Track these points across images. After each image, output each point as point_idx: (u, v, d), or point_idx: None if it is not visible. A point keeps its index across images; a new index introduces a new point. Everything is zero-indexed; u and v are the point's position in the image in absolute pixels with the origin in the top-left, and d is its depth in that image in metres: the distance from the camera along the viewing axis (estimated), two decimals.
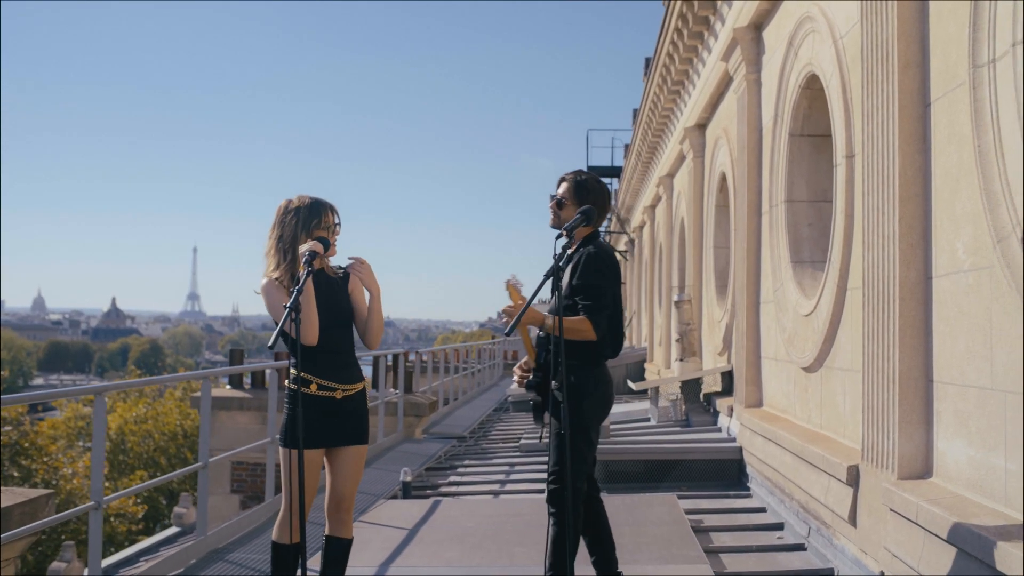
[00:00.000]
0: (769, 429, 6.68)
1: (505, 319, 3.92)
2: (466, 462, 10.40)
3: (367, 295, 3.92)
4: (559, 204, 4.21)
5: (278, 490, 5.97)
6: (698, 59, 11.16)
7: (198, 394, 13.35)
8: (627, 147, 23.61)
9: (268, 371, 8.12)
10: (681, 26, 10.86)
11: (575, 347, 3.93)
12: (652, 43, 13.29)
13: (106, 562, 11.35)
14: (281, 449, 3.87)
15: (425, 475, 9.19)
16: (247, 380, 13.13)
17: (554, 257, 3.44)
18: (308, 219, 3.83)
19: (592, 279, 4.05)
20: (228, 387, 13.09)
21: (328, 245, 3.75)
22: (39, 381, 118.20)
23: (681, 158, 12.94)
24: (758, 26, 7.82)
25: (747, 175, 7.94)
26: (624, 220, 25.57)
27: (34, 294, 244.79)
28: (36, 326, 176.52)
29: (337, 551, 3.94)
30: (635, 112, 19.71)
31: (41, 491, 5.98)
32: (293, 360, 3.79)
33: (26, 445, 29.07)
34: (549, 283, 3.76)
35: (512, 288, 3.97)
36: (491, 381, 23.01)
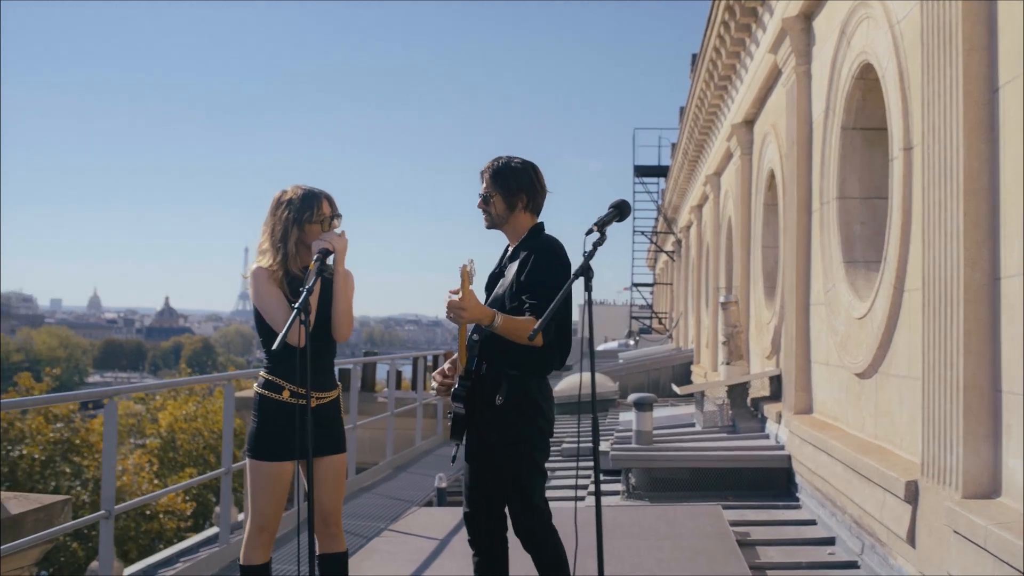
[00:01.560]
0: (820, 438, 6.34)
1: (452, 313, 3.44)
2: None
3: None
4: (486, 200, 3.74)
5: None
6: (745, 53, 10.80)
7: (244, 393, 13.33)
8: (674, 146, 23.24)
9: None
10: (728, 19, 10.52)
11: (519, 355, 3.52)
12: (698, 39, 12.95)
13: (145, 562, 11.33)
14: (249, 461, 3.59)
15: (457, 481, 8.97)
16: None
17: (584, 255, 3.15)
18: (300, 211, 3.57)
19: (541, 276, 3.57)
20: None
21: (328, 253, 3.45)
22: (95, 379, 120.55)
23: (728, 156, 12.58)
24: (808, 16, 7.47)
25: (797, 171, 7.61)
26: (671, 220, 25.17)
27: (90, 293, 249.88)
28: (92, 324, 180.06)
29: (334, 568, 3.65)
30: (682, 110, 19.35)
31: (56, 497, 5.85)
32: (266, 363, 3.56)
33: (77, 442, 29.45)
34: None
35: (466, 275, 3.42)
36: None
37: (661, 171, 26.65)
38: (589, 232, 3.17)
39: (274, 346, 3.16)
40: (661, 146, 27.34)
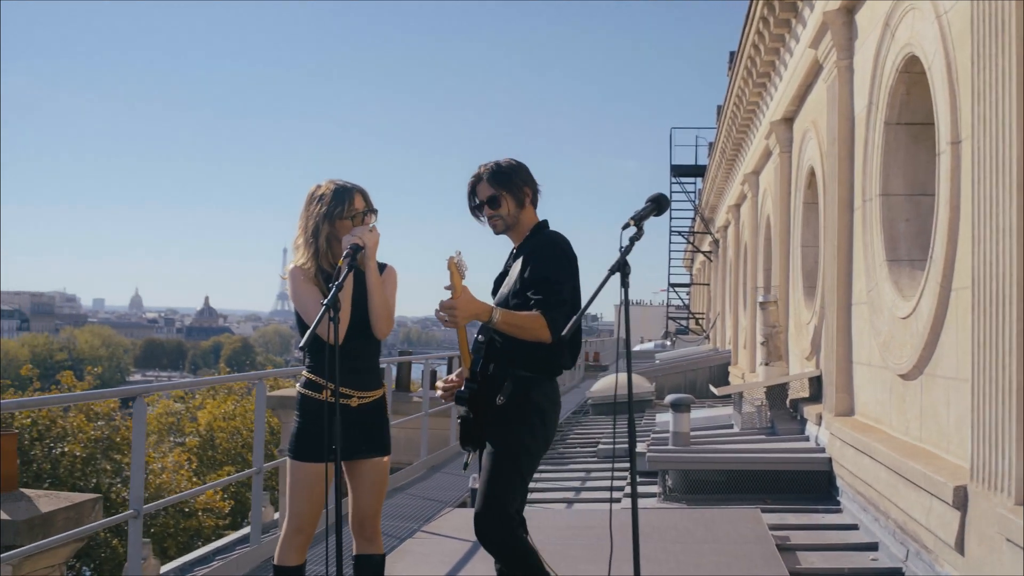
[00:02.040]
0: (862, 440, 6.18)
1: (444, 314, 3.28)
2: (541, 467, 10.07)
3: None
4: (494, 203, 3.53)
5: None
6: (785, 49, 10.62)
7: (281, 392, 13.34)
8: (711, 145, 23.02)
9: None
10: (767, 14, 10.35)
11: (527, 354, 3.36)
12: (736, 36, 12.78)
13: (181, 560, 11.37)
14: (288, 461, 3.54)
15: None
16: None
17: (620, 250, 3.04)
18: (332, 206, 3.51)
19: (546, 271, 3.40)
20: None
21: (358, 249, 3.36)
22: (136, 377, 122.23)
23: (767, 154, 12.39)
24: (850, 9, 7.30)
25: (838, 169, 7.44)
26: (708, 220, 24.93)
27: (132, 293, 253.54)
28: (133, 324, 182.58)
29: (368, 570, 3.60)
30: (719, 108, 19.13)
31: (87, 495, 5.85)
32: (308, 362, 3.50)
33: (118, 440, 29.82)
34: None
35: (454, 268, 3.21)
36: (572, 382, 22.64)
37: (698, 171, 26.42)
38: (625, 227, 3.05)
39: (300, 343, 3.10)
40: (698, 145, 27.09)
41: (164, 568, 11.69)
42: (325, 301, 3.11)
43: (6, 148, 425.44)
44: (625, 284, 3.02)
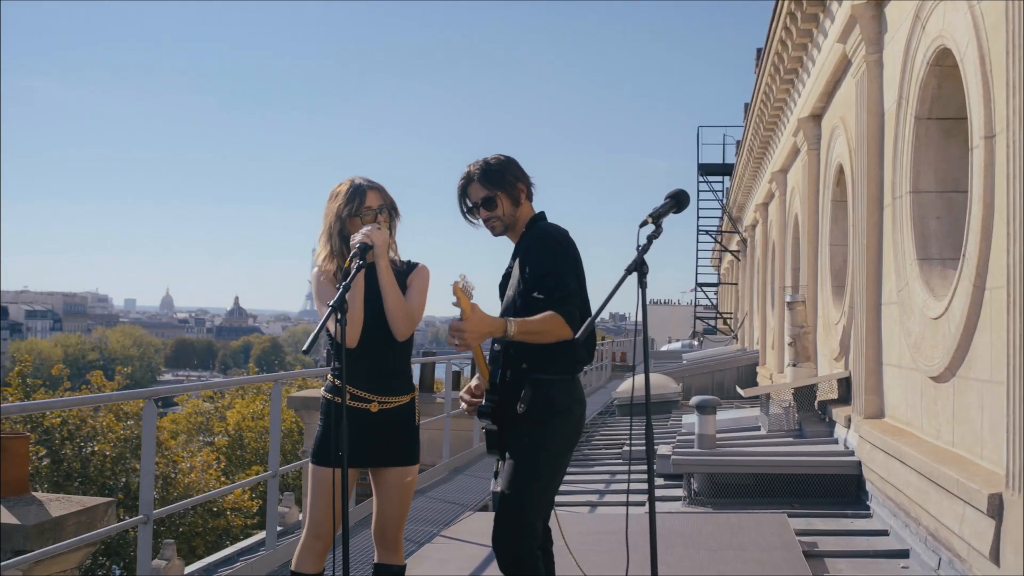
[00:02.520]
0: (892, 444, 6.02)
1: (454, 338, 3.09)
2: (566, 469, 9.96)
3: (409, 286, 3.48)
4: (489, 204, 3.39)
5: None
6: (812, 44, 10.44)
7: (305, 393, 13.31)
8: (738, 143, 22.80)
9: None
10: (794, 9, 10.19)
11: (542, 356, 3.22)
12: (763, 33, 12.59)
13: (206, 560, 11.37)
14: (310, 466, 3.47)
15: None
16: None
17: (637, 248, 2.92)
18: (346, 205, 3.44)
19: (546, 265, 3.24)
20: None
21: (366, 248, 3.25)
22: (167, 377, 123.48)
23: (795, 152, 12.20)
24: (879, 2, 7.14)
25: (867, 165, 7.27)
26: (735, 219, 24.70)
27: (162, 293, 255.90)
28: (164, 324, 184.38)
29: None
30: (746, 106, 18.93)
31: (100, 499, 5.81)
32: (335, 365, 3.42)
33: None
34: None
35: (460, 292, 3.03)
36: (597, 383, 22.51)
37: (726, 169, 26.22)
38: (643, 224, 2.92)
39: (304, 347, 3.00)
40: (726, 144, 26.89)
41: (188, 568, 11.71)
42: (331, 303, 3.02)
43: (38, 148, 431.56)
44: (643, 284, 2.91)
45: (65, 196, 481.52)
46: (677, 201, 3.01)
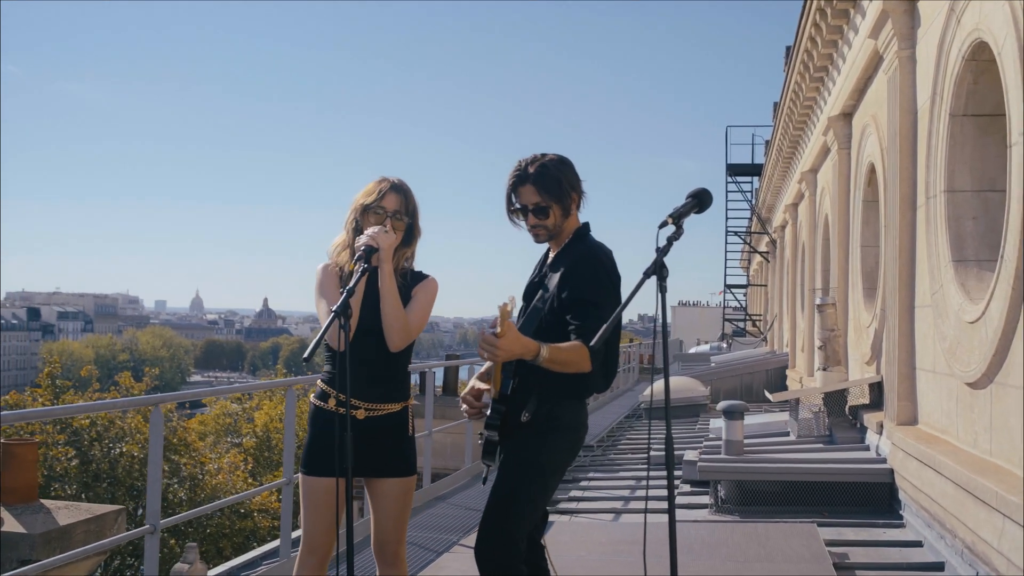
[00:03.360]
0: (926, 452, 5.82)
1: (484, 350, 2.92)
2: (590, 475, 9.82)
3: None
4: (541, 213, 3.20)
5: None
6: (843, 41, 10.22)
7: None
8: (767, 143, 22.52)
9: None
10: (824, 5, 9.97)
11: (559, 375, 3.06)
12: (792, 31, 12.36)
13: (228, 564, 11.34)
14: (301, 477, 3.33)
15: None
16: None
17: (657, 250, 2.73)
18: (362, 201, 3.33)
19: (586, 291, 3.08)
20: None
21: (371, 251, 3.12)
22: (196, 378, 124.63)
23: (825, 151, 11.98)
24: None
25: (899, 164, 7.07)
26: (765, 220, 24.40)
27: (192, 294, 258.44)
28: (194, 325, 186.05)
29: None
30: (775, 105, 18.68)
31: (110, 507, 5.73)
32: (326, 371, 3.30)
33: (175, 440, 30.22)
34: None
35: (505, 312, 2.88)
36: (625, 385, 22.32)
37: (755, 170, 25.92)
38: (663, 225, 2.74)
39: (305, 354, 2.86)
40: (755, 144, 26.57)
41: (211, 572, 11.68)
42: (335, 308, 2.89)
43: (67, 149, 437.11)
44: (663, 288, 2.74)
45: (98, 197, 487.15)
46: (699, 200, 2.84)
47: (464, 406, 3.34)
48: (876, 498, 7.04)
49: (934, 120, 6.23)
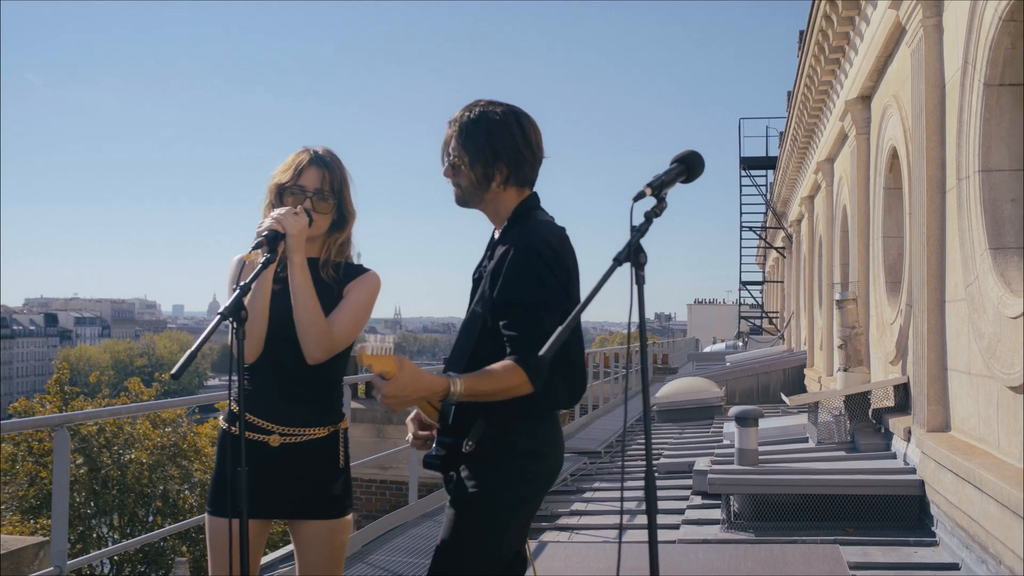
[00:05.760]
0: (963, 465, 5.17)
1: (379, 395, 2.22)
2: (596, 484, 9.20)
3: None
4: (453, 169, 2.56)
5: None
6: (860, 17, 9.56)
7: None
8: (781, 135, 21.83)
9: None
10: None
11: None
12: (805, 14, 11.69)
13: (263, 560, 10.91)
14: (207, 518, 2.72)
15: (544, 501, 7.99)
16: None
17: (632, 229, 2.05)
18: (277, 177, 2.71)
19: (519, 291, 2.38)
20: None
21: (277, 237, 2.50)
22: (213, 382, 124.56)
23: (842, 138, 11.31)
24: None
25: (926, 145, 6.41)
26: (780, 214, 23.70)
27: (210, 299, 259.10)
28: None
29: None
30: (789, 94, 17.99)
31: (30, 539, 5.09)
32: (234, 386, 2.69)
33: (184, 446, 29.82)
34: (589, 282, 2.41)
35: (369, 359, 2.17)
36: (638, 387, 21.65)
37: (769, 163, 25.26)
38: (639, 197, 2.07)
39: (173, 370, 2.21)
40: (768, 136, 25.90)
41: None
42: (221, 310, 2.24)
43: (84, 155, 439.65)
44: (639, 279, 2.09)
45: (116, 202, 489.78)
46: (688, 165, 2.20)
47: (409, 436, 2.64)
48: (905, 512, 6.38)
49: (965, 92, 5.58)
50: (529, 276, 2.40)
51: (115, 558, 23.43)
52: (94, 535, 24.56)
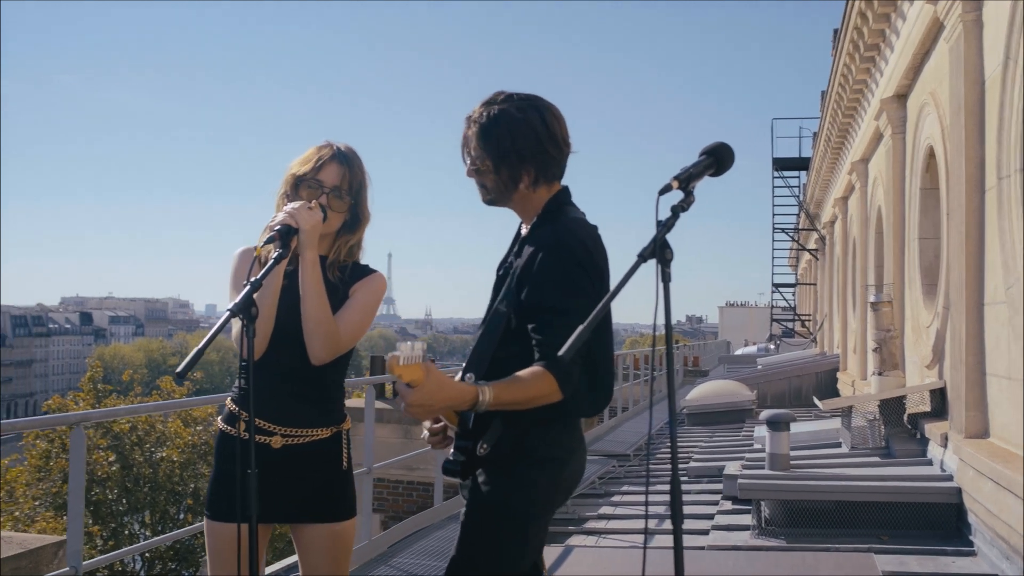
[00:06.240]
0: (1003, 473, 5.01)
1: (401, 404, 2.10)
2: (624, 488, 9.10)
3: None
4: (478, 173, 2.43)
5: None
6: (896, 14, 9.37)
7: (351, 403, 12.70)
8: (815, 135, 21.55)
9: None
10: None
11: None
12: (839, 13, 11.51)
13: (269, 569, 10.89)
14: (205, 523, 2.62)
15: (571, 505, 7.91)
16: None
17: (657, 224, 1.94)
18: (294, 175, 2.62)
19: (547, 294, 2.25)
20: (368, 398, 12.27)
21: (289, 232, 2.41)
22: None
23: (877, 137, 11.11)
24: None
25: (965, 143, 6.25)
26: (813, 215, 23.41)
27: None
28: None
29: None
30: (823, 94, 17.75)
31: (49, 538, 5.06)
32: (238, 386, 2.55)
33: (206, 449, 30.08)
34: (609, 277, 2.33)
35: (399, 368, 2.05)
36: (667, 390, 21.48)
37: (802, 163, 24.96)
38: (665, 190, 1.96)
39: (179, 368, 2.14)
40: (801, 136, 25.60)
41: None
42: (230, 306, 2.16)
43: (121, 155, 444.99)
44: (665, 277, 1.98)
45: (151, 202, 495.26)
46: (717, 158, 2.08)
47: (425, 434, 2.54)
48: (942, 521, 6.21)
49: (1007, 88, 5.42)
50: (562, 278, 2.27)
51: (146, 554, 23.60)
52: (126, 532, 24.79)
